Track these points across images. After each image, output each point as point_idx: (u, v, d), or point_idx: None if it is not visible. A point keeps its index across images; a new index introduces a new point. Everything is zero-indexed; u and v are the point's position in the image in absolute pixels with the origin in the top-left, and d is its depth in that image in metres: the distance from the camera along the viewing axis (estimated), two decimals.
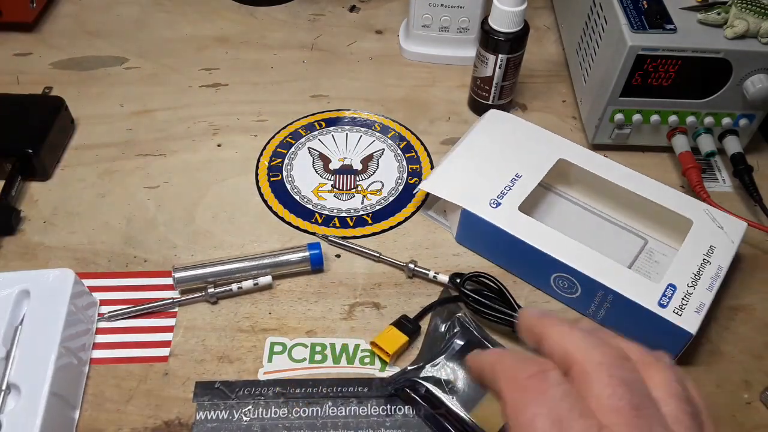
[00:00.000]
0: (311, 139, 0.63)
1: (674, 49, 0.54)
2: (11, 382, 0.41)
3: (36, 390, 0.40)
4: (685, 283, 0.47)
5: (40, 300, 0.44)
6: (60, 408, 0.42)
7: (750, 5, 0.53)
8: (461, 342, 0.46)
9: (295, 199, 0.58)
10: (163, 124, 0.63)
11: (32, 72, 0.67)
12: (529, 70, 0.69)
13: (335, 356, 0.47)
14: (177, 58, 0.70)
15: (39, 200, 0.56)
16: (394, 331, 0.47)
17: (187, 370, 0.46)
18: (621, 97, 0.57)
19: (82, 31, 0.73)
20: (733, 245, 0.49)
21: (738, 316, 0.51)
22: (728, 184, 0.61)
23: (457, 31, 0.69)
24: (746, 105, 0.57)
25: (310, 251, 0.51)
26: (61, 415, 0.42)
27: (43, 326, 0.43)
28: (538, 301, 0.51)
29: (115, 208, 0.56)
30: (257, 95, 0.67)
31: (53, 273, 0.45)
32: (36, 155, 0.56)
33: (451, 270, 0.52)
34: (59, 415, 0.41)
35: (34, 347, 0.42)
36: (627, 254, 0.53)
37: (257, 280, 0.50)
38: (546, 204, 0.57)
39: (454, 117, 0.66)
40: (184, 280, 0.49)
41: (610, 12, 0.57)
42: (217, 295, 0.50)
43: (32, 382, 0.40)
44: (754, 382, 0.47)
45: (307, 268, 0.52)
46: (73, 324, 0.44)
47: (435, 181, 0.54)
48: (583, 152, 0.56)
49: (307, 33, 0.74)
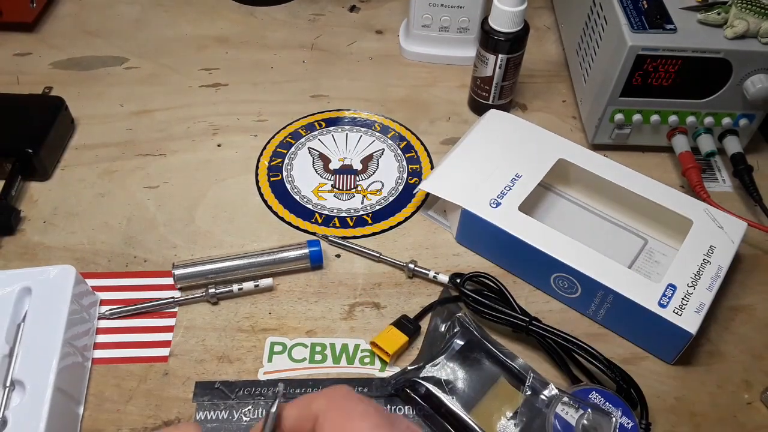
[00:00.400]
0: (311, 139, 0.63)
1: (674, 49, 0.54)
2: (15, 378, 0.41)
3: (41, 386, 0.40)
4: (685, 283, 0.47)
5: (42, 297, 0.44)
6: (65, 403, 0.42)
7: (750, 5, 0.53)
8: (461, 342, 0.46)
9: (295, 199, 0.58)
10: (162, 124, 0.63)
11: (32, 72, 0.67)
12: (529, 70, 0.69)
13: (335, 356, 0.47)
14: (177, 58, 0.70)
15: (39, 200, 0.56)
16: (394, 331, 0.47)
17: (187, 370, 0.46)
18: (621, 97, 0.57)
19: (82, 31, 0.73)
20: (734, 245, 0.49)
21: (738, 317, 0.51)
22: (728, 184, 0.61)
23: (457, 31, 0.69)
24: (746, 105, 0.57)
25: (309, 248, 0.51)
26: (66, 410, 0.42)
27: (46, 323, 0.43)
28: (538, 301, 0.51)
29: (115, 208, 0.56)
30: (257, 95, 0.67)
31: (55, 270, 0.45)
32: (36, 155, 0.56)
33: (451, 270, 0.52)
34: (64, 411, 0.42)
35: (38, 343, 0.42)
36: (627, 254, 0.53)
37: (258, 282, 0.50)
38: (546, 204, 0.57)
39: (454, 117, 0.66)
40: (184, 277, 0.50)
41: (610, 12, 0.57)
42: (218, 295, 0.50)
43: (36, 378, 0.40)
44: (755, 383, 0.47)
45: (306, 266, 0.52)
46: (76, 320, 0.45)
47: (435, 181, 0.54)
48: (583, 152, 0.56)
49: (307, 33, 0.74)
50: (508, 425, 0.42)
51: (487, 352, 0.45)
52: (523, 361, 0.45)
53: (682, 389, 0.47)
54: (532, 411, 0.42)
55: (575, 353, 0.45)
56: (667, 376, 0.47)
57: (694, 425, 0.45)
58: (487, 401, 0.43)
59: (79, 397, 0.44)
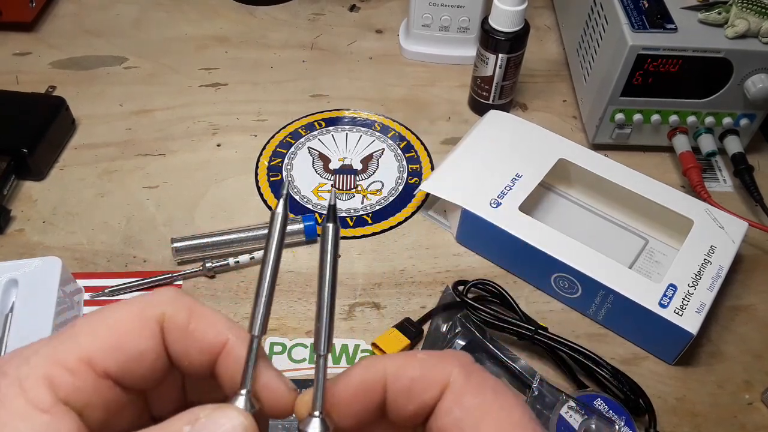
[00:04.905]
0: (311, 138, 0.63)
1: (675, 49, 0.53)
2: None
3: None
4: (685, 283, 0.47)
5: (29, 287, 0.45)
6: None
7: (751, 5, 0.53)
8: (463, 342, 0.46)
9: (295, 199, 0.57)
10: (162, 124, 0.63)
11: (32, 72, 0.67)
12: (529, 70, 0.69)
13: (335, 357, 0.47)
14: (177, 58, 0.70)
15: (38, 200, 0.56)
16: (396, 334, 0.47)
17: None
18: (622, 96, 0.57)
19: (82, 31, 0.72)
20: (734, 245, 0.49)
21: (739, 317, 0.51)
22: (729, 183, 0.60)
23: (457, 30, 0.69)
24: (747, 105, 0.57)
25: (304, 223, 0.53)
26: None
27: (35, 312, 0.44)
28: (538, 302, 0.51)
29: (115, 208, 0.56)
30: (257, 95, 0.67)
31: (39, 261, 0.46)
32: (31, 155, 0.55)
33: (451, 270, 0.52)
34: None
35: (27, 333, 0.43)
36: (627, 254, 0.53)
37: (254, 254, 0.51)
38: (546, 204, 0.57)
39: (454, 117, 0.66)
40: (183, 249, 0.51)
41: (610, 11, 0.57)
42: (214, 269, 0.51)
43: None
44: (755, 383, 0.47)
45: (301, 240, 0.53)
46: (63, 309, 0.45)
47: (435, 181, 0.54)
48: (584, 152, 0.55)
49: (307, 33, 0.74)
50: None
51: (488, 353, 0.45)
52: (525, 362, 0.45)
53: (683, 389, 0.47)
54: (535, 412, 0.42)
55: (581, 362, 0.45)
56: (667, 376, 0.47)
57: (694, 425, 0.45)
58: None
59: None
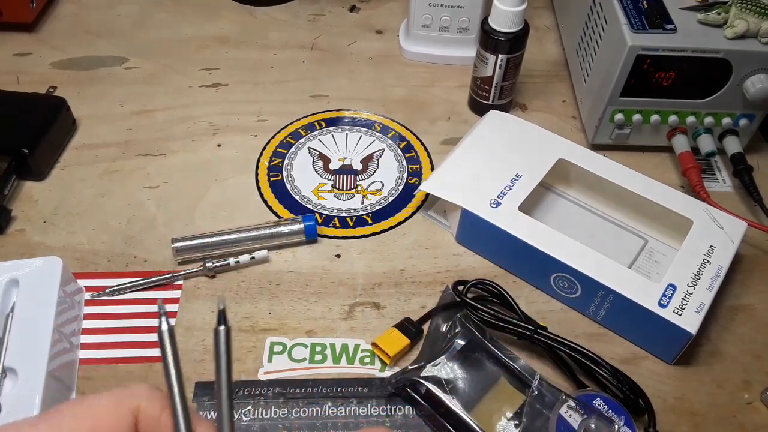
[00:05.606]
0: (311, 139, 0.63)
1: (674, 49, 0.54)
2: (7, 366, 0.42)
3: (34, 372, 0.41)
4: (685, 283, 0.47)
5: (29, 287, 0.45)
6: (58, 389, 0.42)
7: (750, 5, 0.53)
8: (462, 342, 0.46)
9: (295, 199, 0.58)
10: (163, 124, 0.63)
11: (32, 72, 0.67)
12: (529, 70, 0.69)
13: (335, 356, 0.47)
14: (177, 58, 0.70)
15: (39, 200, 0.56)
16: (396, 333, 0.47)
17: (187, 370, 0.46)
18: (621, 97, 0.57)
19: (82, 31, 0.73)
20: (734, 245, 0.49)
21: (738, 316, 0.51)
22: (728, 184, 0.61)
23: (457, 31, 0.69)
24: (746, 105, 0.57)
25: (305, 223, 0.53)
26: (60, 395, 0.43)
27: (36, 312, 0.44)
28: (538, 301, 0.51)
29: (115, 208, 0.56)
30: (257, 95, 0.67)
31: (40, 261, 0.46)
32: (32, 155, 0.55)
33: (451, 270, 0.52)
34: (58, 396, 0.42)
35: (29, 332, 0.43)
36: (627, 254, 0.53)
37: (254, 254, 0.51)
38: (546, 204, 0.57)
39: (454, 117, 0.66)
40: (183, 249, 0.51)
41: (610, 12, 0.57)
42: (215, 269, 0.51)
43: (30, 364, 0.41)
44: (755, 383, 0.47)
45: (301, 240, 0.53)
46: (64, 309, 0.46)
47: (435, 181, 0.54)
48: (583, 152, 0.56)
49: (307, 33, 0.74)
50: (508, 426, 0.42)
51: (488, 353, 0.45)
52: (524, 362, 0.45)
53: (682, 389, 0.47)
54: (534, 411, 0.42)
55: (580, 362, 0.45)
56: (667, 375, 0.47)
57: (693, 425, 0.45)
58: (488, 401, 0.43)
59: (70, 383, 0.45)
